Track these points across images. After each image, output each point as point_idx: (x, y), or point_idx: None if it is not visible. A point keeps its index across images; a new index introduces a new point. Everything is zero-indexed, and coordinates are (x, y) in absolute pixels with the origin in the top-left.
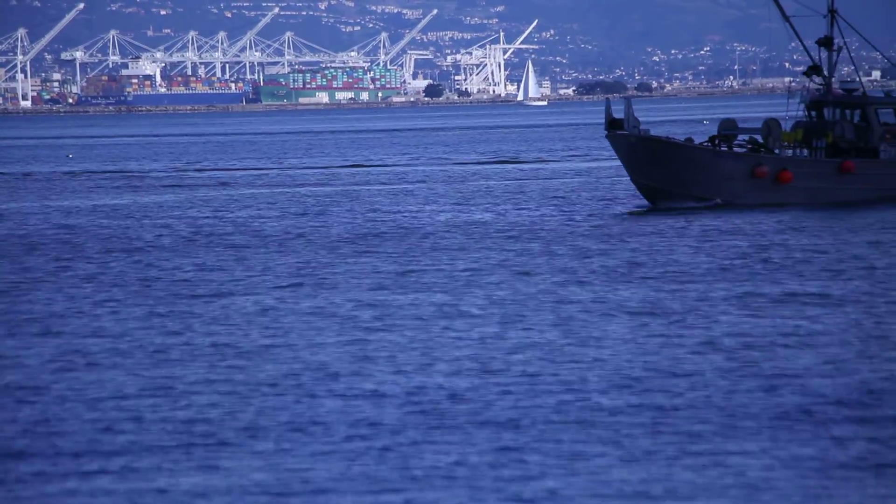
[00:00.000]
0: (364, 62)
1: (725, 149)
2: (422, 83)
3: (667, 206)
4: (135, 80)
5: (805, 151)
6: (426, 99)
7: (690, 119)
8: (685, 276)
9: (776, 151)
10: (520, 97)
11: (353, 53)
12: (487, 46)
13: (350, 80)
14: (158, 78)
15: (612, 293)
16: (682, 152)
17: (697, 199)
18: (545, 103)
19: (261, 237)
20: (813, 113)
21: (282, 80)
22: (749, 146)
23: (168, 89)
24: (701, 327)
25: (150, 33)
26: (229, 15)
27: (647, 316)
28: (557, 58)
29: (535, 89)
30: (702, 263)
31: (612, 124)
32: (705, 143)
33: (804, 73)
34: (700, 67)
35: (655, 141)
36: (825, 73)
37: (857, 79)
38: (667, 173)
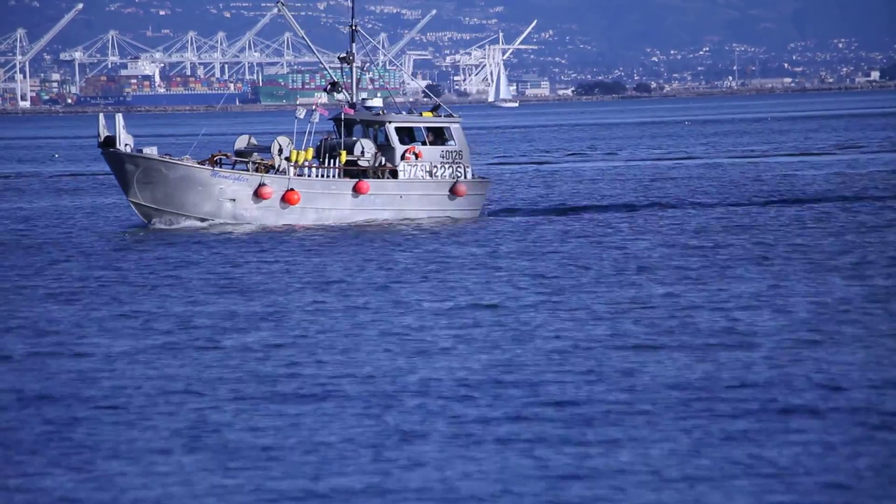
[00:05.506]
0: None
1: (228, 168)
2: (421, 83)
3: (162, 227)
4: (134, 81)
5: (326, 171)
6: (425, 100)
7: (677, 120)
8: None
9: (311, 171)
10: (490, 98)
11: None
12: (486, 47)
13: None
14: (157, 78)
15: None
16: (177, 171)
17: (198, 220)
18: (517, 104)
19: None
20: (344, 131)
21: (281, 80)
22: (257, 165)
23: (167, 90)
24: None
25: (149, 34)
26: (228, 15)
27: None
28: (556, 58)
29: (506, 91)
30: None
31: (106, 141)
32: (205, 162)
33: (325, 91)
34: (699, 68)
35: (148, 159)
36: (349, 90)
37: (404, 94)
38: (162, 193)
